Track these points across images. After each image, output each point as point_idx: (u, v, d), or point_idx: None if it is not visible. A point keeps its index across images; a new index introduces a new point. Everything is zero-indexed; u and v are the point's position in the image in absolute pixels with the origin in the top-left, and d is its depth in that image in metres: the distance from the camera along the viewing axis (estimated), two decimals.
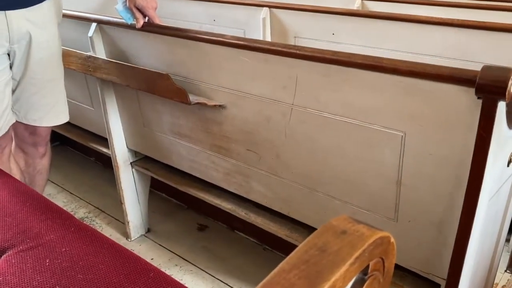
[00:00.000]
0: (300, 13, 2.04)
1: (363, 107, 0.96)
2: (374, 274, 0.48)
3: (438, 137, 0.89)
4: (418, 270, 1.04)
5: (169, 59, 1.32)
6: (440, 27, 1.67)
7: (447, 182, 0.91)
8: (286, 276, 0.39)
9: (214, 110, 1.28)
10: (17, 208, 1.07)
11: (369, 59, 0.90)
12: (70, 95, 1.83)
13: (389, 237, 0.48)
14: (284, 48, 1.03)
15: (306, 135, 1.10)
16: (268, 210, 1.38)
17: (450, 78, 0.82)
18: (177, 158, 1.53)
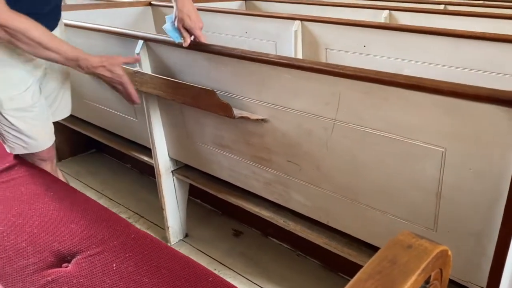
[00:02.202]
0: (331, 26, 2.10)
1: (405, 124, 1.02)
2: (434, 283, 0.54)
3: (477, 153, 0.94)
4: (457, 279, 1.09)
5: (214, 75, 1.40)
6: (471, 41, 1.71)
7: (486, 195, 0.96)
8: (363, 285, 0.46)
9: (256, 123, 1.35)
10: (79, 216, 1.17)
11: (412, 80, 0.96)
12: (115, 107, 1.94)
13: (447, 250, 0.54)
14: (327, 67, 1.10)
15: (347, 149, 1.16)
16: (305, 218, 1.45)
17: (488, 98, 0.87)
18: (218, 167, 1.61)
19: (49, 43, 1.21)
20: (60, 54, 1.24)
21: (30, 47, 1.19)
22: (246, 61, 1.27)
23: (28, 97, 1.33)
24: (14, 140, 1.40)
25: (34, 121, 1.38)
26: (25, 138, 1.39)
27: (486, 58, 1.70)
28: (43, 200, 1.23)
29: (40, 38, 1.19)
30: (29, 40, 1.17)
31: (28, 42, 1.18)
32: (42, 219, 1.14)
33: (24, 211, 1.18)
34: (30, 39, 1.17)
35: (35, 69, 1.35)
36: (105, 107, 2.00)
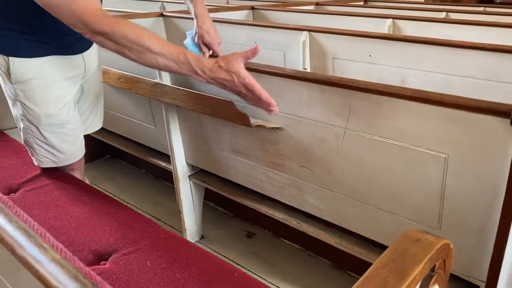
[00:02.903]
0: (338, 37, 2.21)
1: (411, 132, 1.12)
2: (438, 272, 0.64)
3: (477, 158, 1.04)
4: (460, 274, 1.18)
5: None
6: (472, 51, 1.80)
7: (486, 196, 1.06)
8: (381, 271, 0.56)
9: (271, 131, 1.45)
10: (111, 218, 1.27)
11: (418, 93, 1.06)
12: (134, 116, 2.05)
13: (450, 243, 0.64)
14: (339, 81, 1.20)
15: (357, 155, 1.26)
16: (317, 219, 1.55)
17: (488, 110, 0.97)
18: (234, 172, 1.71)
19: (158, 47, 1.07)
20: (172, 58, 1.09)
21: (135, 54, 1.08)
22: (263, 74, 1.38)
23: (64, 114, 1.41)
24: (45, 154, 1.46)
25: (67, 137, 1.44)
26: (56, 153, 1.45)
27: (486, 67, 1.80)
28: (77, 204, 1.33)
29: (148, 43, 1.06)
30: (135, 47, 1.06)
31: (133, 50, 1.06)
32: (77, 222, 1.25)
33: (60, 215, 1.28)
34: (136, 45, 1.05)
35: (72, 86, 1.42)
36: (124, 116, 2.10)
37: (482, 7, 3.90)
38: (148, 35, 1.07)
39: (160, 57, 1.08)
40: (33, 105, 1.37)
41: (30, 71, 1.31)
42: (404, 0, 4.62)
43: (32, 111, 1.38)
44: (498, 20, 2.92)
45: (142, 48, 1.06)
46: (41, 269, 0.45)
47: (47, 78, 1.34)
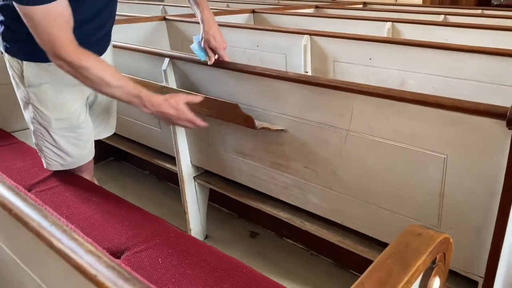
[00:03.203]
0: (338, 40, 2.26)
1: (412, 134, 1.17)
2: (439, 264, 0.68)
3: (475, 159, 1.09)
4: (459, 270, 1.23)
5: (237, 90, 1.54)
6: (470, 54, 1.85)
7: (484, 195, 1.11)
8: (385, 262, 0.60)
9: (276, 133, 1.50)
10: (122, 218, 1.31)
11: (418, 96, 1.11)
12: (140, 118, 2.09)
13: (449, 238, 0.68)
14: (342, 85, 1.24)
15: (360, 156, 1.31)
16: (319, 218, 1.59)
17: (486, 112, 1.02)
18: (238, 173, 1.75)
19: (114, 81, 1.23)
20: (124, 90, 1.26)
21: (94, 84, 1.24)
22: (268, 78, 1.42)
23: (75, 118, 1.45)
24: (53, 157, 1.49)
25: (76, 141, 1.48)
26: (64, 156, 1.49)
27: (484, 70, 1.84)
28: (88, 205, 1.37)
29: (105, 76, 1.22)
30: (93, 78, 1.21)
31: (92, 80, 1.22)
32: (89, 222, 1.29)
33: (72, 214, 1.33)
34: (94, 77, 1.21)
35: (84, 91, 1.46)
36: (130, 118, 2.14)
37: (480, 10, 3.94)
38: (110, 73, 1.24)
39: (116, 90, 1.26)
40: (44, 109, 1.41)
41: (43, 75, 1.35)
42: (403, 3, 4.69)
43: (43, 114, 1.42)
44: (495, 23, 2.97)
45: (103, 82, 1.23)
46: (79, 259, 0.49)
47: (59, 83, 1.38)
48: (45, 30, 1.15)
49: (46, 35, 1.16)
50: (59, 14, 1.15)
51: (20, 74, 1.36)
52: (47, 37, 1.16)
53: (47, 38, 1.17)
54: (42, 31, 1.16)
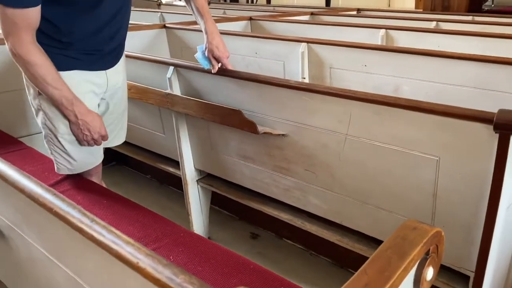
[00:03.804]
0: (334, 48, 2.34)
1: (406, 137, 1.25)
2: (432, 256, 0.76)
3: (465, 161, 1.17)
4: (451, 265, 1.31)
5: (239, 97, 1.62)
6: (461, 61, 1.94)
7: (474, 195, 1.19)
8: (385, 253, 0.68)
9: (277, 138, 1.57)
10: (133, 219, 1.38)
11: (412, 102, 1.19)
12: (144, 124, 2.16)
13: (441, 231, 0.76)
14: (341, 92, 1.32)
15: (358, 159, 1.38)
16: (319, 219, 1.67)
17: (474, 118, 1.10)
18: (240, 176, 1.82)
19: (53, 82, 1.35)
20: (60, 93, 1.37)
21: (36, 80, 1.35)
22: (269, 85, 1.50)
23: None
24: (62, 161, 1.55)
25: (84, 147, 1.53)
26: (71, 161, 1.54)
27: (474, 77, 1.93)
28: (99, 207, 1.44)
29: (45, 75, 1.33)
30: (37, 74, 1.33)
31: (35, 76, 1.33)
32: None
33: None
34: (37, 73, 1.32)
35: (93, 99, 1.51)
36: (134, 124, 2.21)
37: (471, 16, 4.04)
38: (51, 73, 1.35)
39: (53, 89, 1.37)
40: (54, 115, 1.48)
41: None
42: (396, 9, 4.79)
43: (53, 120, 1.48)
44: (485, 29, 3.08)
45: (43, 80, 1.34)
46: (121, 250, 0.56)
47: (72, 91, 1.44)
48: (9, 24, 1.26)
49: (8, 29, 1.27)
50: (27, 17, 1.26)
51: None
52: (9, 30, 1.27)
53: (8, 31, 1.28)
54: (6, 24, 1.27)
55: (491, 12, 6.83)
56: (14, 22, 1.26)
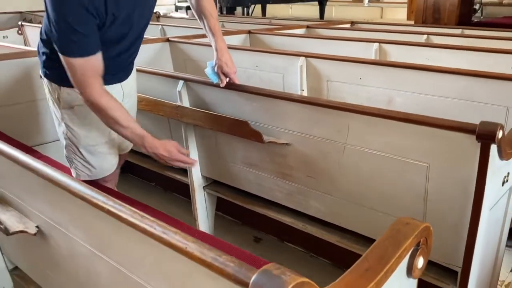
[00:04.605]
0: (331, 62, 2.49)
1: (399, 146, 1.39)
2: (422, 247, 0.89)
3: (452, 167, 1.31)
4: (441, 262, 1.44)
5: (246, 109, 1.76)
6: (449, 75, 2.09)
7: (460, 197, 1.33)
8: (383, 243, 0.81)
9: (281, 146, 1.71)
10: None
11: (403, 115, 1.33)
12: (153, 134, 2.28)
13: (430, 226, 0.90)
14: (340, 105, 1.46)
15: (355, 165, 1.52)
16: (320, 221, 1.80)
17: (459, 128, 1.24)
18: (246, 182, 1.95)
19: (124, 122, 1.47)
20: (133, 132, 1.49)
21: (108, 122, 1.48)
22: (274, 98, 1.64)
23: (102, 135, 1.65)
24: (82, 169, 1.69)
25: (102, 155, 1.68)
26: (91, 168, 1.69)
27: (460, 89, 2.08)
28: None
29: (118, 117, 1.45)
30: (109, 117, 1.46)
31: (108, 118, 1.46)
32: None
33: None
34: (110, 116, 1.45)
35: None
36: None
37: (460, 29, 4.21)
38: (123, 116, 1.47)
39: (125, 129, 1.49)
40: (75, 127, 1.61)
41: (76, 99, 1.55)
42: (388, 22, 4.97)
43: (74, 132, 1.62)
44: (473, 43, 3.24)
45: (116, 122, 1.47)
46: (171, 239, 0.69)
47: None
48: (81, 75, 1.39)
49: (81, 79, 1.40)
50: (92, 65, 1.39)
51: (57, 97, 1.56)
52: (81, 81, 1.40)
53: (81, 81, 1.40)
54: (78, 76, 1.39)
55: (480, 24, 7.06)
56: (83, 72, 1.38)
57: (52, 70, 1.55)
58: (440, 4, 6.63)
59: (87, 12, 1.32)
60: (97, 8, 1.35)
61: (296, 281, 0.63)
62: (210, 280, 0.69)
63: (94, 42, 1.38)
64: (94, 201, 0.83)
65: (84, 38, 1.34)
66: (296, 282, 0.63)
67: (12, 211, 1.19)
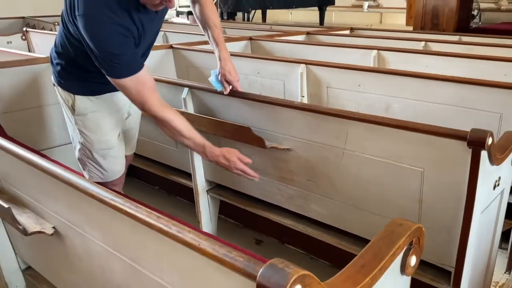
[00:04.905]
0: (331, 69, 2.56)
1: (395, 152, 1.46)
2: (414, 246, 0.96)
3: (445, 171, 1.38)
4: (435, 262, 1.51)
5: (248, 115, 1.83)
6: (444, 82, 2.16)
7: (453, 200, 1.39)
8: (378, 243, 0.88)
9: (283, 152, 1.78)
10: None
11: (399, 122, 1.40)
12: (157, 138, 2.36)
13: (422, 227, 0.96)
14: (339, 112, 1.54)
15: (354, 170, 1.59)
16: (320, 224, 1.86)
17: (451, 135, 1.31)
18: (248, 186, 2.02)
19: (186, 132, 1.57)
20: (194, 142, 1.60)
21: (171, 133, 1.58)
22: (276, 106, 1.71)
23: (113, 140, 1.74)
24: (94, 171, 1.78)
25: (113, 158, 1.77)
26: (103, 171, 1.78)
27: (455, 96, 2.15)
28: None
29: (179, 127, 1.56)
30: (172, 129, 1.56)
31: (172, 130, 1.56)
32: None
33: None
34: (173, 128, 1.55)
35: (120, 116, 1.76)
36: (148, 139, 2.41)
37: (458, 36, 4.28)
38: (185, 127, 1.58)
39: (187, 140, 1.60)
40: (88, 132, 1.69)
41: (89, 106, 1.63)
42: (387, 29, 5.04)
43: (87, 137, 1.69)
44: (470, 49, 3.32)
45: (179, 133, 1.58)
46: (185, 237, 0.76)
47: (103, 111, 1.66)
48: (136, 93, 1.48)
49: (138, 97, 1.49)
50: (144, 81, 1.49)
51: (71, 104, 1.63)
52: (138, 98, 1.49)
53: (138, 98, 1.50)
54: (134, 94, 1.49)
55: (478, 30, 7.14)
56: (137, 89, 1.47)
57: (66, 80, 1.63)
58: (439, 10, 6.70)
59: (124, 37, 1.42)
60: (132, 32, 1.45)
61: (298, 273, 0.70)
62: (222, 274, 0.76)
63: (137, 60, 1.48)
64: (112, 202, 0.90)
65: (127, 59, 1.44)
66: (298, 274, 0.70)
67: (29, 213, 1.26)
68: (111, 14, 1.37)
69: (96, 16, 1.36)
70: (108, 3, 1.37)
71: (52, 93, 2.33)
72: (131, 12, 1.43)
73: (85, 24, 1.37)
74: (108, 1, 1.37)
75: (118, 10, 1.39)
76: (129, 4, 1.41)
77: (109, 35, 1.38)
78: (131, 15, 1.43)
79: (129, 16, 1.42)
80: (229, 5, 7.96)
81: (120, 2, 1.39)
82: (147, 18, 1.50)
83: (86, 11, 1.37)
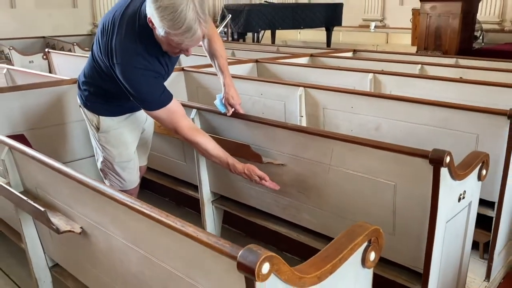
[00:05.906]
0: (327, 92, 2.81)
1: (372, 168, 1.69)
2: (373, 244, 1.18)
3: (414, 186, 1.60)
4: (408, 265, 1.73)
5: (248, 134, 2.07)
6: (429, 106, 2.38)
7: (421, 211, 1.61)
8: (341, 239, 1.11)
9: (278, 166, 2.02)
10: None
11: (376, 142, 1.64)
12: (168, 154, 2.62)
13: (379, 229, 1.19)
14: (325, 133, 1.78)
15: (338, 183, 1.82)
16: (311, 231, 2.08)
17: (417, 154, 1.54)
18: (248, 197, 2.26)
19: (212, 151, 1.83)
20: (220, 159, 1.85)
21: (201, 152, 1.85)
22: (272, 126, 1.95)
23: (131, 153, 2.00)
24: (115, 181, 2.05)
25: (131, 170, 2.04)
26: (122, 181, 2.04)
27: (439, 118, 2.36)
28: None
29: (207, 148, 1.81)
30: (202, 149, 1.82)
31: (202, 150, 1.83)
32: None
33: None
34: (202, 149, 1.82)
35: (137, 132, 2.03)
36: (160, 154, 2.67)
37: (455, 59, 4.50)
38: (212, 147, 1.84)
39: (214, 158, 1.86)
40: (111, 147, 1.95)
41: (112, 125, 1.90)
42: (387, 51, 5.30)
43: (109, 151, 1.96)
44: (465, 73, 3.53)
45: (207, 153, 1.85)
46: (187, 230, 1.00)
47: (123, 129, 1.93)
48: (169, 121, 1.76)
49: (170, 124, 1.76)
50: (175, 110, 1.75)
51: (96, 123, 1.90)
52: (171, 125, 1.76)
53: (171, 125, 1.77)
54: (167, 122, 1.76)
55: (481, 51, 7.34)
56: (170, 118, 1.73)
57: (93, 103, 1.90)
58: (442, 31, 6.92)
59: (155, 79, 1.69)
60: (161, 73, 1.73)
61: (267, 254, 0.92)
62: (212, 257, 1.00)
63: (167, 94, 1.74)
64: (131, 205, 1.15)
65: (159, 95, 1.71)
66: (267, 254, 0.92)
67: (60, 216, 1.51)
68: (143, 61, 1.64)
69: (132, 65, 1.63)
70: (140, 53, 1.63)
71: (74, 111, 2.61)
72: (158, 57, 1.70)
73: (122, 71, 1.64)
74: (140, 51, 1.63)
75: (149, 57, 1.65)
76: (157, 52, 1.68)
77: (142, 80, 1.64)
78: (159, 60, 1.71)
79: (157, 61, 1.70)
80: (239, 26, 8.30)
81: (148, 50, 1.65)
82: (170, 60, 1.79)
83: (123, 60, 1.63)
